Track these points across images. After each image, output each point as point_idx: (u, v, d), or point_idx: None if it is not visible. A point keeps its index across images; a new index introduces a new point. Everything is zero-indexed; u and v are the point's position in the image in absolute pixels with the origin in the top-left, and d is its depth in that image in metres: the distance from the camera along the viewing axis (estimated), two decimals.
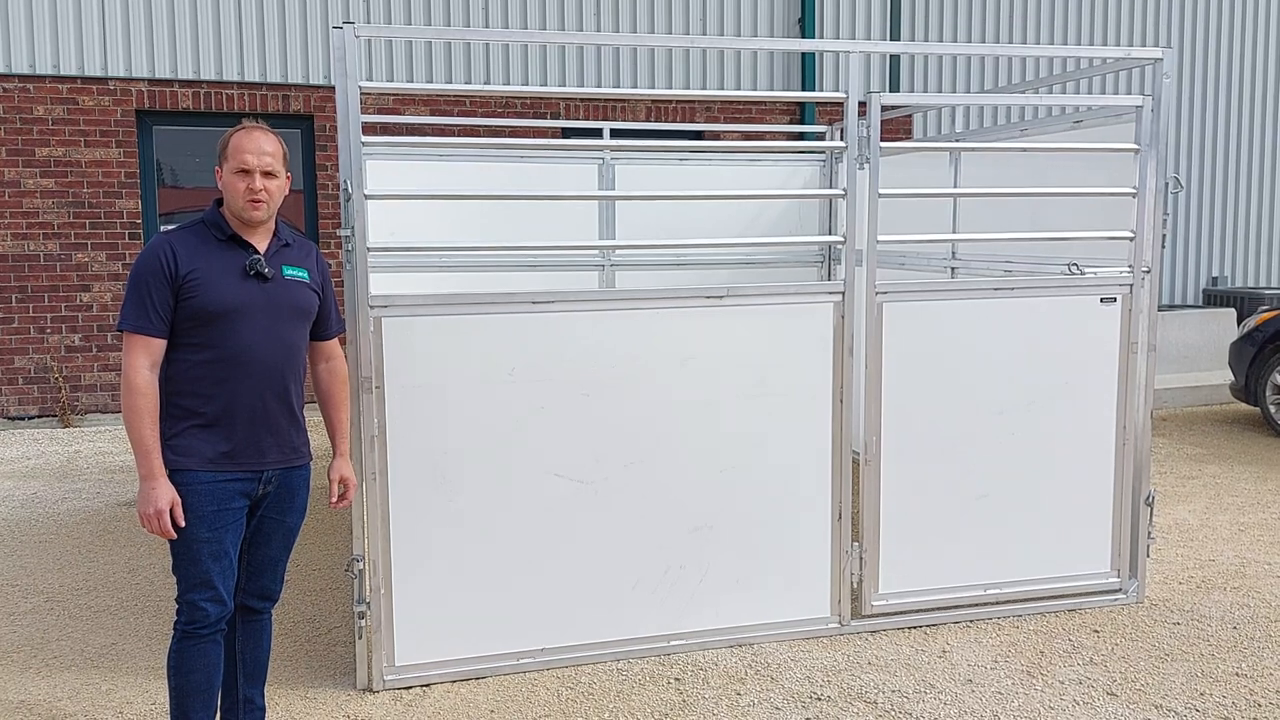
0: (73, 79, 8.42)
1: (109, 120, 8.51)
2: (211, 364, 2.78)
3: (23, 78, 8.35)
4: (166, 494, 2.73)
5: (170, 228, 2.85)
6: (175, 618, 2.87)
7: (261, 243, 2.89)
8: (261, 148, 2.81)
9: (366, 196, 3.51)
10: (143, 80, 8.55)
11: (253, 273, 2.83)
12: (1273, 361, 7.85)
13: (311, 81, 8.91)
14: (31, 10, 8.31)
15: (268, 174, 2.82)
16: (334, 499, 3.10)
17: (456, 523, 3.68)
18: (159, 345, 2.76)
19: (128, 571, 4.92)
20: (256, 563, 3.00)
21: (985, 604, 4.29)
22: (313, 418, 8.56)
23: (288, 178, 2.91)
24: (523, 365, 3.70)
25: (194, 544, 2.79)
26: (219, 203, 2.90)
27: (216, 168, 2.88)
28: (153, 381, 2.74)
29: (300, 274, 2.94)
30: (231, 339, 2.78)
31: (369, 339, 3.53)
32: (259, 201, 2.81)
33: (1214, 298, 11.70)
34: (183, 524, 2.76)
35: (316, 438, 7.99)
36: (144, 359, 2.73)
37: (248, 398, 2.81)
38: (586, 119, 9.49)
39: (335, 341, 3.14)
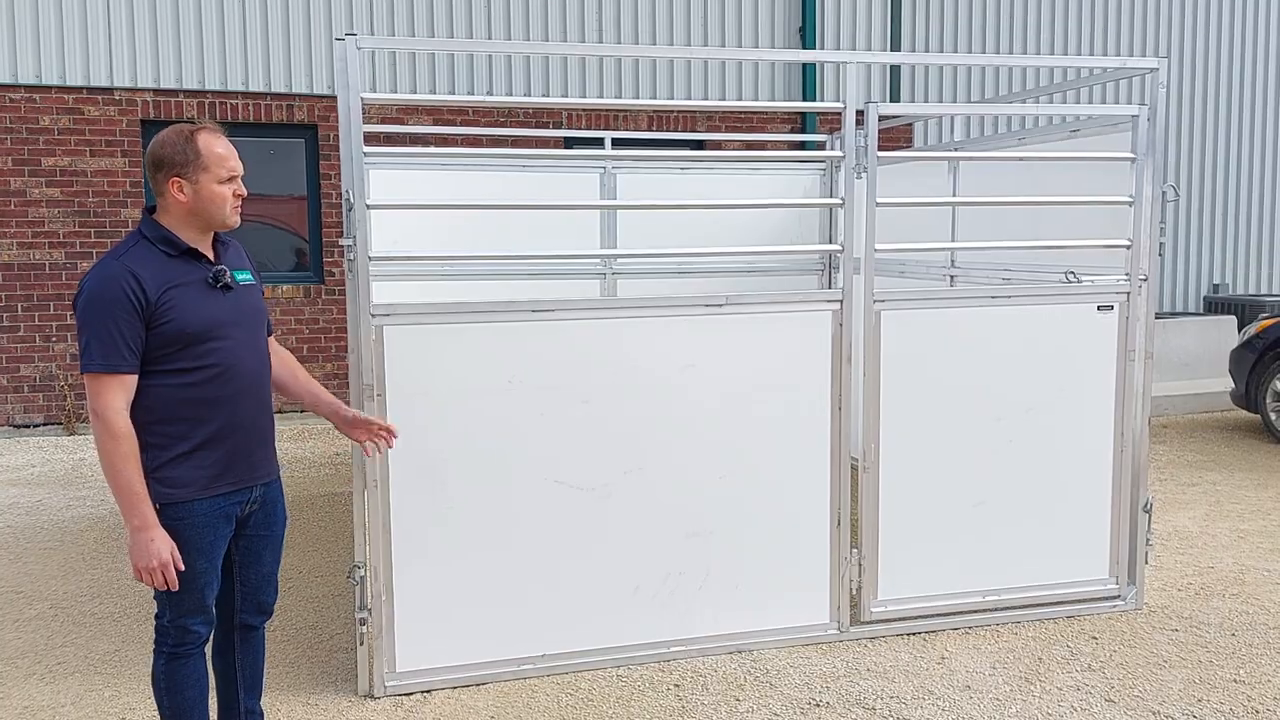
0: (78, 89, 8.49)
1: (114, 130, 8.57)
2: (200, 385, 2.66)
3: (29, 88, 8.41)
4: (166, 544, 2.61)
5: (119, 251, 2.63)
6: (159, 639, 2.81)
7: (207, 250, 2.76)
8: (233, 150, 2.72)
9: (368, 206, 3.55)
10: (148, 90, 8.61)
11: (220, 285, 2.71)
12: (1273, 369, 7.87)
13: (315, 91, 8.97)
14: (38, 21, 8.38)
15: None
16: (381, 440, 3.13)
17: (457, 530, 3.71)
18: (133, 381, 2.59)
19: (131, 578, 4.95)
20: (252, 581, 2.97)
21: (984, 610, 4.31)
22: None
23: None
24: (523, 373, 3.73)
25: (193, 575, 2.72)
26: (151, 210, 2.70)
27: (176, 178, 2.63)
28: (130, 422, 2.58)
29: (248, 277, 2.86)
30: (215, 357, 2.67)
31: (370, 347, 3.56)
32: (239, 208, 2.74)
33: (1214, 305, 11.72)
34: (181, 569, 2.66)
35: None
36: (120, 399, 2.56)
37: (240, 414, 2.75)
38: (588, 128, 9.54)
39: (272, 338, 3.05)
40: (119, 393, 2.56)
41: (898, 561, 4.20)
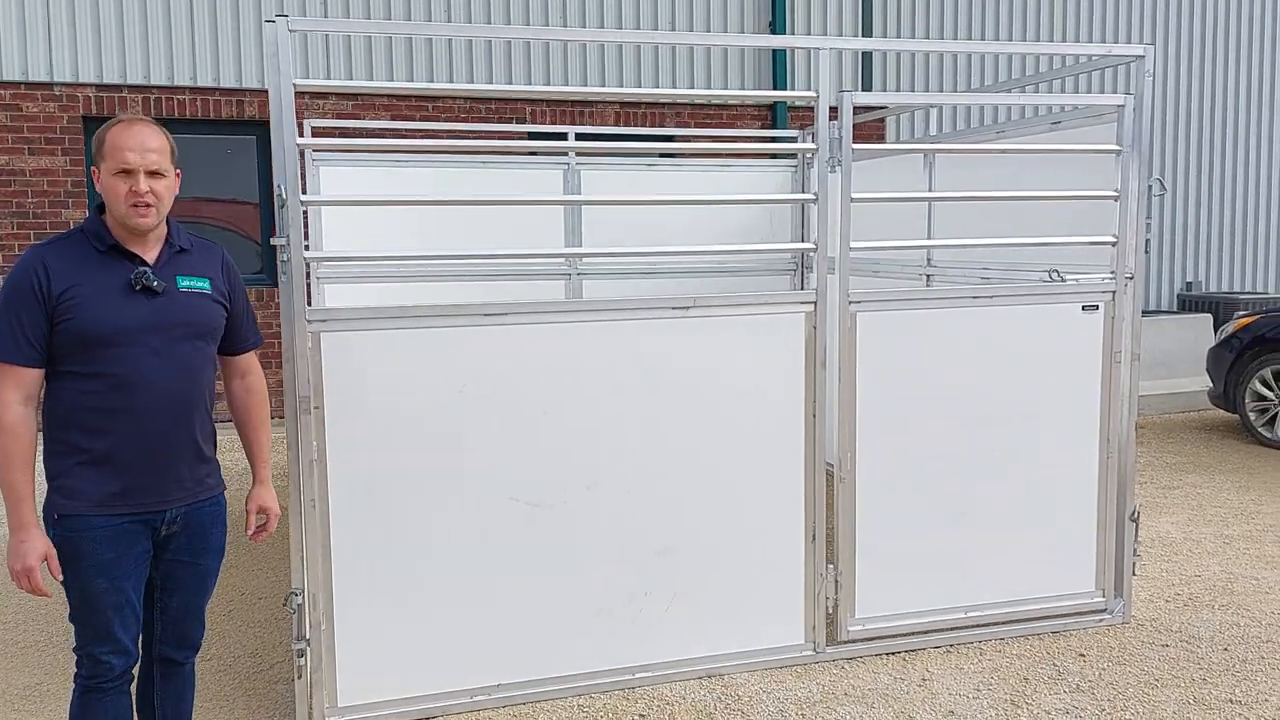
0: (15, 84, 8.10)
1: (54, 127, 8.19)
2: (100, 394, 2.46)
3: None
4: (38, 548, 2.47)
5: (51, 238, 2.58)
6: (76, 669, 2.60)
7: (151, 251, 2.56)
8: (145, 143, 2.46)
9: (303, 202, 3.27)
10: (90, 85, 8.24)
11: (139, 287, 2.50)
12: (1252, 368, 7.74)
13: (266, 86, 8.62)
14: None
15: (154, 173, 2.47)
16: (250, 530, 2.81)
17: (404, 552, 3.44)
18: (33, 376, 2.46)
19: (61, 603, 4.62)
20: (173, 611, 2.71)
21: (966, 626, 4.09)
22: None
23: (177, 175, 2.58)
24: (476, 382, 3.47)
25: (93, 595, 2.51)
26: (101, 209, 2.56)
27: (93, 168, 2.54)
28: (26, 418, 2.46)
29: (200, 284, 2.60)
30: (120, 365, 2.46)
31: (307, 356, 3.28)
32: (146, 206, 2.47)
33: (1188, 303, 11.64)
34: (59, 578, 2.51)
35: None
36: (14, 393, 2.44)
37: (144, 430, 2.50)
38: (553, 123, 9.26)
39: (251, 355, 2.84)
40: (13, 385, 2.44)
41: (876, 577, 3.98)
